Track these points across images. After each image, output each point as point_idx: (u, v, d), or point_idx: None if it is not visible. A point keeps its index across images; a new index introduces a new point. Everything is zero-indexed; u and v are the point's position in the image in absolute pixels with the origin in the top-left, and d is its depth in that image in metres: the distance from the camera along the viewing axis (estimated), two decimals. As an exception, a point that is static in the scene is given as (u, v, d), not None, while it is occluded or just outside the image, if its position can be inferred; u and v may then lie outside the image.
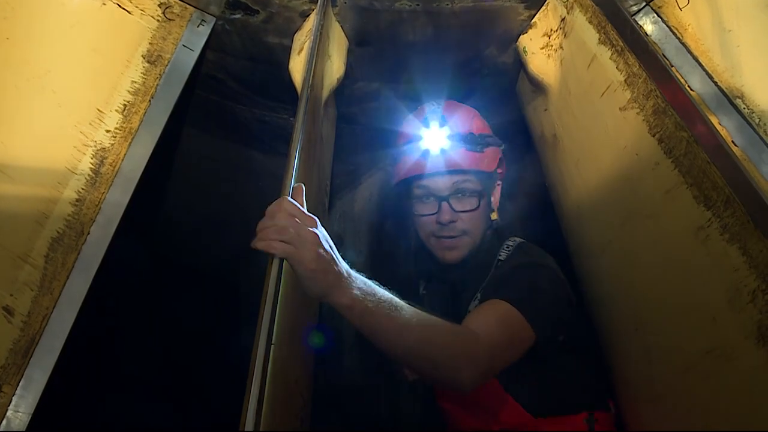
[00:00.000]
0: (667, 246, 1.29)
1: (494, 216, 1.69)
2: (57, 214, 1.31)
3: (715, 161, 1.15)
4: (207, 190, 2.83)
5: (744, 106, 1.47)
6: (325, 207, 2.02)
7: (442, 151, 1.61)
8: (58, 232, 1.29)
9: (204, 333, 2.82)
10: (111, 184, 1.43)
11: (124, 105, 1.51)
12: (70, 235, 1.31)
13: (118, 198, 1.43)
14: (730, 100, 1.49)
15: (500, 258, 1.61)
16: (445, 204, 1.59)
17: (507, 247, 1.63)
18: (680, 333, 1.24)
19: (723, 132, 1.46)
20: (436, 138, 1.64)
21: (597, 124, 1.58)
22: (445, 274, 1.74)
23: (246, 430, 0.78)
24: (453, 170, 1.60)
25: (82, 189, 1.38)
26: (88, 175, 1.40)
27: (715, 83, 1.53)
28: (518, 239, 1.67)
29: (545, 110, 1.89)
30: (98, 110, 1.46)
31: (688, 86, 1.56)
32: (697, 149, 1.19)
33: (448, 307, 1.69)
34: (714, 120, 1.46)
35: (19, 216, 1.25)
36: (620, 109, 1.44)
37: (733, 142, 1.44)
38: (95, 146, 1.44)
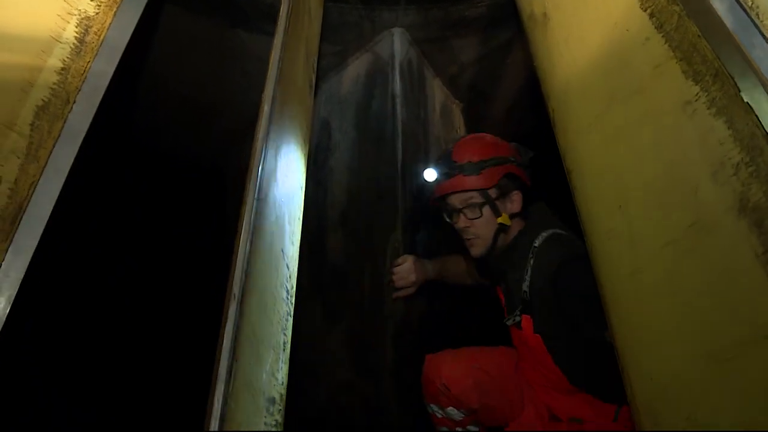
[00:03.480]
0: (654, 121, 1.29)
1: (501, 219, 2.05)
2: (42, 82, 1.28)
3: (705, 35, 1.13)
4: (191, 71, 2.77)
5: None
6: (312, 83, 2.00)
7: (449, 177, 2.09)
8: (43, 100, 1.27)
9: (186, 219, 2.84)
10: (96, 54, 1.40)
11: (109, -28, 1.46)
12: (55, 103, 1.29)
13: (104, 68, 1.41)
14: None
15: (535, 245, 1.96)
16: (460, 215, 2.10)
17: (540, 236, 1.98)
18: (663, 208, 1.25)
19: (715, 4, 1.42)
20: (442, 169, 2.14)
21: (588, 0, 1.54)
22: (494, 263, 2.20)
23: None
24: (457, 191, 2.07)
25: (67, 58, 1.34)
26: (73, 43, 1.37)
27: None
28: (549, 231, 1.99)
29: (535, -13, 1.84)
30: (82, -24, 1.41)
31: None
32: (689, 23, 1.17)
33: (501, 281, 2.21)
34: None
35: (4, 83, 1.22)
36: (611, -18, 1.40)
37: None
38: (80, 14, 1.40)
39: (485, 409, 2.07)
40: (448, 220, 2.18)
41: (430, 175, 2.28)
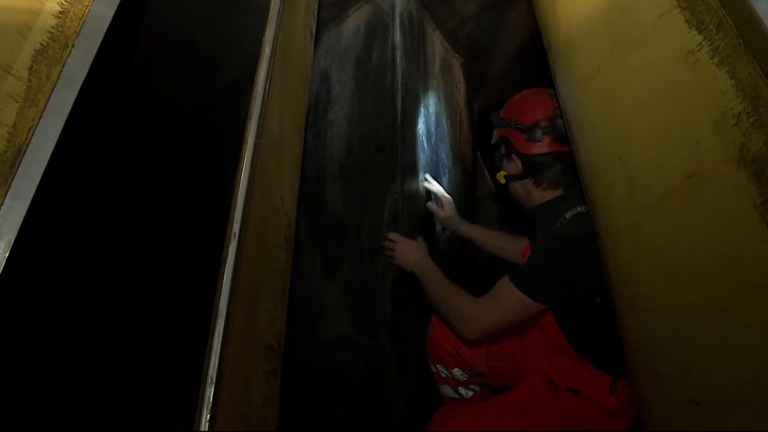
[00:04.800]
0: (656, 72, 1.28)
1: (498, 175, 2.18)
2: (40, 25, 1.27)
3: (710, -18, 1.12)
4: (190, 20, 2.73)
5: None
6: (312, 31, 1.98)
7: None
8: (41, 44, 1.26)
9: (184, 170, 2.83)
10: (95, -4, 1.39)
11: None
12: (54, 47, 1.28)
13: (103, 11, 1.39)
14: None
15: (565, 216, 1.91)
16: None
17: (574, 210, 1.91)
18: (663, 159, 1.25)
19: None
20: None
21: (591, -53, 1.52)
22: (527, 215, 2.20)
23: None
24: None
25: (65, 1, 1.33)
26: None
27: None
28: (579, 209, 1.91)
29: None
30: None
31: None
32: (693, -30, 1.16)
33: (531, 239, 2.23)
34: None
35: (0, 27, 1.21)
36: (616, -72, 1.38)
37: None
38: (77, -45, 1.38)
39: (492, 371, 2.10)
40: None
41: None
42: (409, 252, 2.23)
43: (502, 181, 2.13)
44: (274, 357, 1.36)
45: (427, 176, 2.68)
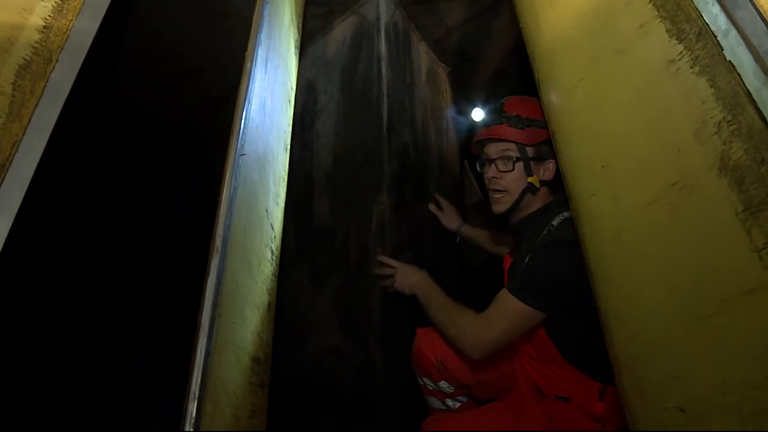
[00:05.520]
0: (638, 81, 1.29)
1: (531, 179, 2.07)
2: (23, 40, 1.27)
3: (690, -8, 1.14)
4: (176, 30, 2.73)
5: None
6: (297, 43, 1.98)
7: (493, 124, 2.17)
8: (25, 59, 1.26)
9: (169, 182, 2.83)
10: (79, 12, 1.39)
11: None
12: (37, 62, 1.28)
13: (87, 26, 1.40)
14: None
15: (552, 223, 1.95)
16: (491, 165, 2.15)
17: (561, 216, 1.96)
18: (646, 167, 1.26)
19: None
20: (491, 116, 2.24)
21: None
22: (511, 227, 2.22)
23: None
24: (497, 139, 2.12)
25: (49, 16, 1.33)
26: (55, 1, 1.36)
27: None
28: (566, 214, 1.93)
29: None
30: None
31: None
32: (673, -19, 1.17)
33: (514, 250, 2.24)
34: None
35: (-16, 41, 1.21)
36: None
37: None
38: (61, -28, 1.38)
39: (479, 384, 2.09)
40: (479, 169, 2.27)
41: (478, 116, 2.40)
42: (410, 275, 2.21)
43: (538, 185, 2.08)
44: (261, 369, 1.36)
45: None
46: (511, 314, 1.82)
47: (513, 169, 2.08)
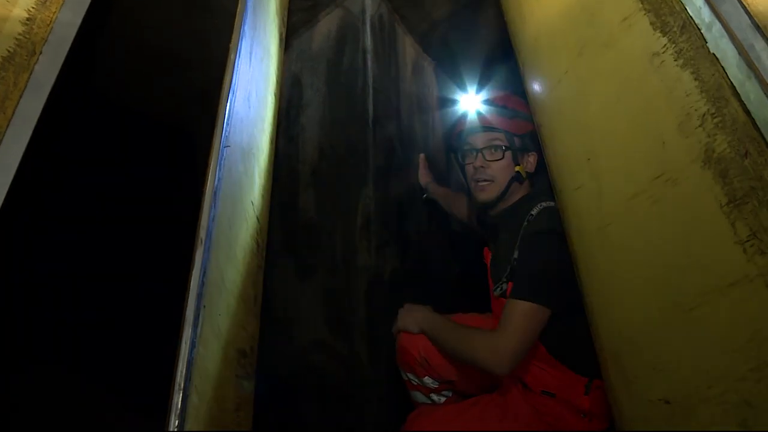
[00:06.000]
0: (622, 74, 1.30)
1: (518, 168, 2.11)
2: (6, 32, 1.25)
3: (673, -15, 1.14)
4: (160, 23, 2.71)
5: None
6: (282, 37, 1.97)
7: (480, 114, 2.17)
8: (8, 50, 1.24)
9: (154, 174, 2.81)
10: (63, 4, 1.37)
11: None
12: (21, 54, 1.26)
13: (71, 18, 1.38)
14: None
15: (532, 213, 1.95)
16: (479, 154, 2.13)
17: (539, 206, 1.96)
18: (630, 160, 1.27)
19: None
20: (477, 104, 2.22)
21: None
22: (490, 219, 2.24)
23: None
24: (485, 127, 2.14)
25: (32, 8, 1.32)
26: None
27: None
28: (549, 203, 1.94)
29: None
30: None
31: None
32: (657, -27, 1.18)
33: (491, 241, 2.26)
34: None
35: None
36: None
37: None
38: (45, -36, 1.37)
39: (462, 379, 2.10)
40: (461, 161, 2.26)
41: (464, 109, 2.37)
42: (413, 311, 2.19)
43: (524, 174, 2.13)
44: (247, 362, 1.35)
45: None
46: (521, 319, 1.79)
47: (502, 158, 2.10)
